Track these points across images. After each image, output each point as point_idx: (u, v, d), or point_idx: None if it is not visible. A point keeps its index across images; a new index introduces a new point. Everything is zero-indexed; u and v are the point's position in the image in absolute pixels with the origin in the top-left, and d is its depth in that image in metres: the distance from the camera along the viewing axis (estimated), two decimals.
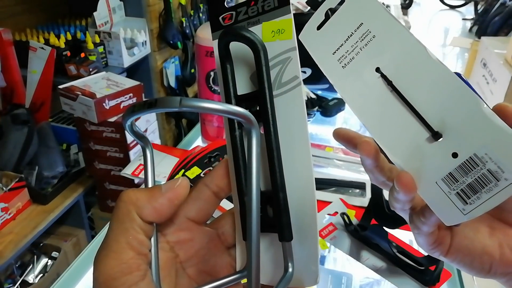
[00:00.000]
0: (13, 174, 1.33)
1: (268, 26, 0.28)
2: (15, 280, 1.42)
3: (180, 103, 0.22)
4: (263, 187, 0.29)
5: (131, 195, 0.25)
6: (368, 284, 0.70)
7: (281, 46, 0.28)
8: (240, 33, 0.27)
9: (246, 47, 0.28)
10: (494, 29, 4.48)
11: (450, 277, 0.62)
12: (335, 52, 0.30)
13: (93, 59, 1.63)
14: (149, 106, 0.23)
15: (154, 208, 0.25)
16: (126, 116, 0.25)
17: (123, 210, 0.24)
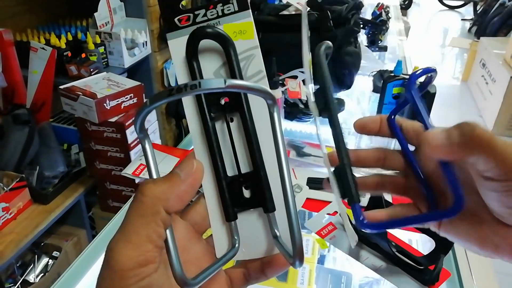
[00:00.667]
0: (14, 174, 1.34)
1: (229, 28, 0.31)
2: (16, 280, 1.42)
3: (225, 83, 0.24)
4: (234, 171, 0.31)
5: (154, 189, 0.25)
6: (368, 284, 0.71)
7: (244, 45, 0.31)
8: (214, 31, 0.30)
9: (210, 45, 0.30)
10: (493, 30, 4.48)
11: (449, 276, 0.62)
12: None
13: (94, 60, 1.64)
14: (192, 87, 0.24)
15: (178, 197, 0.26)
16: (162, 99, 0.25)
17: (148, 205, 0.24)
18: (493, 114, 3.06)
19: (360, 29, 1.36)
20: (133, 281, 0.23)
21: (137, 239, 0.23)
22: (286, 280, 0.67)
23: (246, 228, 0.31)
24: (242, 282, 0.32)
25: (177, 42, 0.31)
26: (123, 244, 0.23)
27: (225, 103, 0.31)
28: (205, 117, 0.31)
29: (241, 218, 0.31)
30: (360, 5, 1.37)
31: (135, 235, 0.23)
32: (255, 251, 0.32)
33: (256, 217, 0.32)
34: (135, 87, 1.48)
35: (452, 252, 0.68)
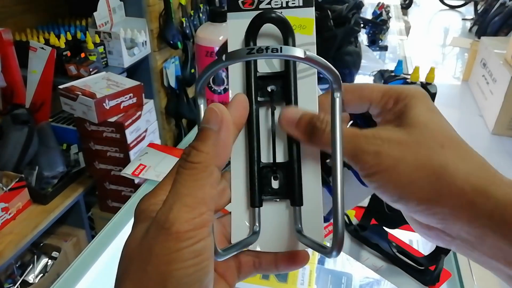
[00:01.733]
0: (13, 174, 1.34)
1: (291, 20, 0.31)
2: (15, 280, 1.42)
3: (305, 54, 0.25)
4: (269, 159, 0.31)
5: (203, 155, 0.25)
6: (368, 284, 0.71)
7: (301, 39, 0.32)
8: (281, 17, 0.30)
9: (268, 31, 0.31)
10: (494, 29, 4.48)
11: (449, 277, 0.62)
12: None
13: (93, 59, 1.63)
14: (273, 50, 0.24)
15: (222, 148, 0.26)
16: (240, 57, 0.25)
17: (202, 169, 0.24)
18: (494, 114, 3.05)
19: (360, 28, 1.36)
20: (189, 244, 0.22)
21: (193, 202, 0.23)
22: (286, 281, 0.67)
23: (268, 218, 0.31)
24: (250, 269, 0.31)
25: (237, 23, 0.31)
26: (178, 207, 0.23)
27: (272, 91, 0.31)
28: (251, 99, 0.31)
29: (265, 207, 0.31)
30: (360, 4, 1.36)
31: (191, 198, 0.23)
32: (274, 243, 0.31)
33: (281, 209, 0.31)
34: (134, 87, 1.48)
35: (452, 252, 0.68)
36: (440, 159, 0.25)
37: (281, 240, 0.31)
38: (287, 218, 0.31)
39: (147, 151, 1.04)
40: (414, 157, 0.26)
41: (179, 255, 0.22)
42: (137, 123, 1.48)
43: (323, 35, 1.23)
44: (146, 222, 0.24)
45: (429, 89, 0.92)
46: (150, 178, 0.93)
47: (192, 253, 0.22)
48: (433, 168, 0.25)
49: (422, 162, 0.26)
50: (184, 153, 0.25)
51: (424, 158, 0.26)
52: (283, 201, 0.31)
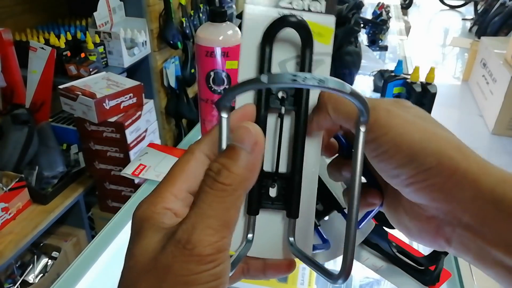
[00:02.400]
0: (13, 174, 1.34)
1: (310, 25, 0.30)
2: (15, 280, 1.42)
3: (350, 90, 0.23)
4: (271, 167, 0.31)
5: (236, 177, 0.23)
6: (368, 284, 0.71)
7: (318, 48, 0.30)
8: (303, 22, 0.29)
9: (286, 35, 0.30)
10: (494, 29, 4.48)
11: (449, 277, 0.62)
12: None
13: (93, 59, 1.63)
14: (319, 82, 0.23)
15: (251, 172, 0.24)
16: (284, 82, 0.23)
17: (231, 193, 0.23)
18: (494, 114, 3.06)
19: (360, 28, 1.36)
20: (210, 267, 0.22)
21: (218, 224, 0.22)
22: (287, 281, 0.67)
23: (262, 226, 0.31)
24: (238, 275, 0.31)
25: (254, 18, 0.30)
26: (202, 228, 0.22)
27: (282, 98, 0.30)
28: (260, 106, 0.30)
29: (261, 214, 0.31)
30: (360, 4, 1.36)
31: (216, 220, 0.23)
32: (266, 250, 0.31)
33: (276, 219, 0.31)
34: (134, 87, 1.48)
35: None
36: (446, 134, 0.26)
37: (272, 247, 0.31)
38: (281, 227, 0.31)
39: (147, 151, 1.04)
40: (423, 124, 0.26)
41: (199, 277, 0.22)
42: (137, 123, 1.48)
43: None
44: (157, 234, 0.23)
45: (429, 89, 0.92)
46: (150, 178, 0.93)
47: (212, 276, 0.22)
48: (442, 137, 0.26)
49: (431, 129, 0.26)
50: (213, 171, 0.24)
51: (432, 127, 0.26)
52: (279, 211, 0.31)
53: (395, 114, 0.27)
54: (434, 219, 0.27)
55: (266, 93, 0.30)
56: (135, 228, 0.25)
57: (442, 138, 0.26)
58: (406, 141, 0.26)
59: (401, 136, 0.26)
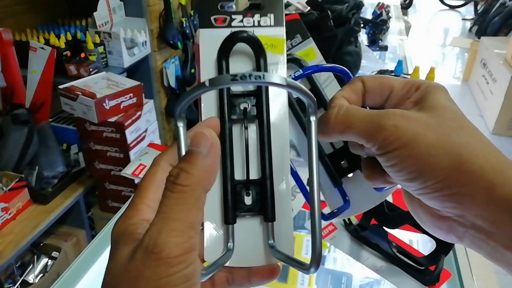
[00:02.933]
0: (13, 174, 1.34)
1: (262, 39, 0.32)
2: (15, 280, 1.42)
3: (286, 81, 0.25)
4: (242, 176, 0.32)
5: (193, 178, 0.24)
6: (368, 284, 0.71)
7: (272, 58, 0.32)
8: (253, 37, 0.31)
9: (240, 49, 0.32)
10: (494, 29, 4.48)
11: (449, 277, 0.62)
12: None
13: (93, 59, 1.63)
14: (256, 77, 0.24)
15: (209, 173, 0.25)
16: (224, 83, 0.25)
17: (191, 193, 0.24)
18: (494, 114, 3.06)
19: (360, 28, 1.36)
20: (180, 269, 0.22)
21: (182, 226, 0.23)
22: (286, 281, 0.67)
23: (242, 234, 0.31)
24: (224, 286, 0.31)
25: (209, 40, 0.32)
26: (167, 231, 0.23)
27: (245, 109, 0.32)
28: (224, 119, 0.31)
29: (239, 223, 0.31)
30: (360, 4, 1.36)
31: (180, 222, 0.23)
32: (248, 258, 0.31)
33: (254, 225, 0.32)
34: (134, 87, 1.48)
35: (452, 252, 0.68)
36: (460, 138, 0.25)
37: (254, 255, 0.31)
38: (260, 233, 0.32)
39: (147, 151, 1.04)
40: (435, 133, 0.26)
41: (170, 280, 0.22)
42: (137, 123, 1.48)
43: (323, 35, 1.23)
44: (129, 245, 0.24)
45: None
46: None
47: (183, 278, 0.22)
48: (454, 146, 0.25)
49: (442, 139, 0.25)
50: (172, 175, 0.24)
51: (444, 136, 0.26)
52: (256, 217, 0.32)
53: (404, 129, 0.26)
54: (447, 219, 0.27)
55: (229, 106, 0.31)
56: (112, 244, 0.25)
57: (455, 146, 0.25)
58: (413, 156, 0.26)
59: (409, 152, 0.26)
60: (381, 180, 0.31)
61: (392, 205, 0.63)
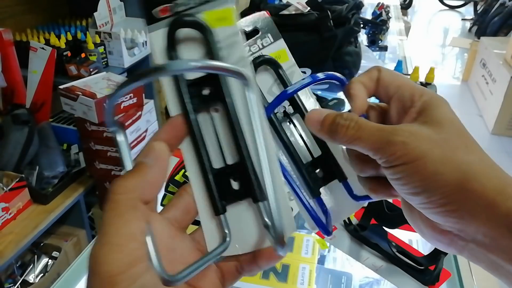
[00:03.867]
0: (13, 174, 1.34)
1: (211, 15, 0.30)
2: (15, 280, 1.43)
3: (196, 65, 0.25)
4: (220, 163, 0.31)
5: (126, 184, 0.24)
6: (368, 284, 0.71)
7: (224, 32, 0.31)
8: (191, 19, 0.30)
9: (192, 35, 0.30)
10: (493, 30, 4.48)
11: (449, 277, 0.62)
12: None
13: (93, 60, 1.64)
14: (156, 69, 0.24)
15: (151, 184, 0.25)
16: (131, 82, 0.25)
17: (123, 202, 0.24)
18: (494, 114, 3.06)
19: (360, 28, 1.36)
20: (125, 285, 0.21)
21: (121, 240, 0.22)
22: (286, 281, 0.67)
23: (236, 221, 0.31)
24: (234, 275, 0.31)
25: (157, 35, 0.30)
26: (107, 248, 0.22)
27: (207, 94, 0.31)
28: (186, 110, 0.30)
29: (231, 211, 0.31)
30: (360, 4, 1.37)
31: (118, 236, 0.22)
32: (247, 244, 0.31)
33: (246, 209, 0.31)
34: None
35: None
36: (465, 157, 0.26)
37: (252, 239, 0.31)
38: (254, 216, 0.31)
39: None
40: (441, 151, 0.26)
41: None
42: (138, 123, 1.49)
43: (323, 36, 1.24)
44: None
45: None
46: None
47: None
48: (459, 164, 0.26)
49: (449, 157, 0.26)
50: (113, 182, 0.25)
51: (450, 154, 0.26)
52: (245, 200, 0.31)
53: (413, 146, 0.26)
54: (448, 233, 0.28)
55: (189, 95, 0.30)
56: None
57: (461, 164, 0.26)
58: (420, 172, 0.26)
59: (416, 168, 0.26)
60: (385, 194, 0.31)
61: (392, 205, 0.63)
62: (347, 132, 0.29)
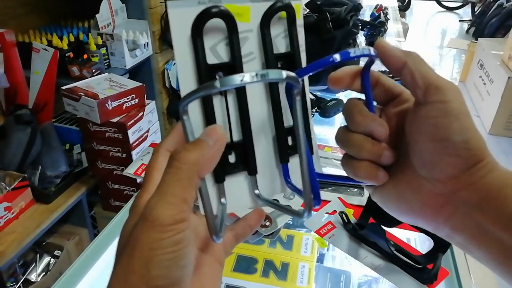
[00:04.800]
0: (16, 173, 1.35)
1: (229, 8, 0.32)
2: (17, 279, 1.43)
3: (287, 76, 0.28)
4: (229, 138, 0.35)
5: (189, 156, 0.27)
6: (367, 282, 0.71)
7: (241, 27, 0.33)
8: (225, 11, 0.31)
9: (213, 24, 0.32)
10: (491, 31, 4.49)
11: (447, 275, 0.61)
12: None
13: (95, 61, 1.64)
14: (262, 76, 0.27)
15: (208, 162, 0.28)
16: (232, 83, 0.27)
17: (185, 171, 0.27)
18: (491, 114, 3.07)
19: (358, 30, 1.38)
20: (170, 235, 0.26)
21: (176, 201, 0.26)
22: (286, 279, 0.67)
23: (232, 189, 0.35)
24: (233, 242, 0.37)
25: (178, 13, 0.31)
26: (163, 204, 0.26)
27: (220, 77, 0.32)
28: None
29: (228, 180, 0.35)
30: (358, 6, 1.38)
31: (174, 197, 0.26)
32: (240, 207, 0.36)
33: (241, 180, 0.35)
34: (136, 88, 1.49)
35: (450, 251, 0.68)
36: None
37: (244, 203, 0.36)
38: (247, 185, 0.36)
39: (149, 151, 1.05)
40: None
41: (162, 243, 0.26)
42: (139, 123, 1.49)
43: (322, 37, 1.25)
44: (136, 216, 0.28)
45: None
46: None
47: (172, 242, 0.26)
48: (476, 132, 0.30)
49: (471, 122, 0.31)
50: (175, 151, 0.28)
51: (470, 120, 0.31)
52: (241, 173, 0.35)
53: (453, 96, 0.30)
54: (441, 196, 0.31)
55: (207, 78, 0.32)
56: (129, 215, 0.31)
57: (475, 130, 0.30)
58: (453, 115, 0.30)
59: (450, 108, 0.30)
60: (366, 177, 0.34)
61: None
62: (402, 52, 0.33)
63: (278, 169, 0.37)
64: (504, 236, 0.28)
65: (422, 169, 0.31)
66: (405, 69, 0.33)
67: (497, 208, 0.28)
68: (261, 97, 0.36)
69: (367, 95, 0.36)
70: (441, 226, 0.31)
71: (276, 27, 0.36)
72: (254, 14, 0.34)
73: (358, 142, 0.33)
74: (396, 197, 0.34)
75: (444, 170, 0.30)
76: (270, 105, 0.36)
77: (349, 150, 0.34)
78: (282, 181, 0.37)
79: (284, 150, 0.37)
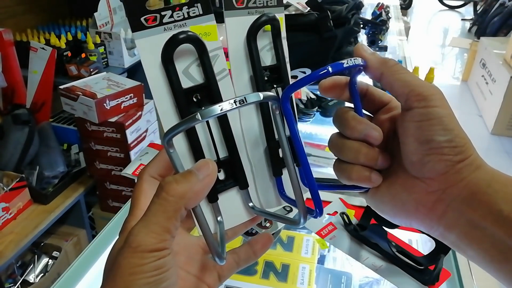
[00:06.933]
0: (14, 174, 1.34)
1: (195, 29, 0.33)
2: (16, 280, 1.43)
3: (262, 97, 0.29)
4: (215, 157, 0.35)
5: (177, 189, 0.28)
6: (368, 284, 0.71)
7: (210, 46, 0.34)
8: (193, 36, 0.32)
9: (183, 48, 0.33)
10: (493, 30, 4.48)
11: (449, 276, 0.62)
12: None
13: (93, 60, 1.64)
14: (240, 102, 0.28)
15: (196, 195, 0.29)
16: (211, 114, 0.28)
17: (171, 203, 0.28)
18: (493, 114, 3.06)
19: (360, 29, 1.37)
20: (151, 260, 0.27)
21: (159, 230, 0.28)
22: (286, 280, 0.68)
23: (226, 205, 0.36)
24: (232, 267, 0.37)
25: (145, 42, 0.32)
26: (146, 232, 0.27)
27: (198, 99, 0.34)
28: (184, 114, 0.33)
29: (221, 197, 0.36)
30: (360, 5, 1.37)
31: (157, 226, 0.28)
32: (235, 220, 0.37)
33: (234, 195, 0.36)
34: (135, 87, 1.48)
35: (452, 252, 0.68)
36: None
37: (239, 217, 0.37)
38: (240, 199, 0.37)
39: (148, 151, 1.04)
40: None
41: (142, 269, 0.27)
42: (138, 123, 1.49)
43: (323, 36, 1.24)
44: (121, 242, 0.29)
45: None
46: None
47: (152, 267, 0.27)
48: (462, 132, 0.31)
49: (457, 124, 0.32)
50: (164, 181, 0.29)
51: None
52: (233, 188, 0.36)
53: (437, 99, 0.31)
54: (433, 194, 0.31)
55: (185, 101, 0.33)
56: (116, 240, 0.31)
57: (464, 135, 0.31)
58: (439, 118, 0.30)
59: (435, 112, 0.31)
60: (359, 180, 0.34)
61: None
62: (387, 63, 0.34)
63: (272, 182, 0.38)
64: (495, 230, 0.28)
65: (413, 169, 0.32)
66: (383, 79, 0.34)
67: (487, 203, 0.29)
68: (251, 111, 0.36)
69: (355, 103, 0.36)
70: (435, 225, 0.32)
71: (261, 40, 0.36)
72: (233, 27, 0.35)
73: (354, 147, 0.34)
74: (390, 199, 0.34)
75: (433, 168, 0.31)
76: (260, 119, 0.37)
77: (345, 155, 0.34)
78: (277, 194, 0.38)
79: (276, 163, 0.37)
